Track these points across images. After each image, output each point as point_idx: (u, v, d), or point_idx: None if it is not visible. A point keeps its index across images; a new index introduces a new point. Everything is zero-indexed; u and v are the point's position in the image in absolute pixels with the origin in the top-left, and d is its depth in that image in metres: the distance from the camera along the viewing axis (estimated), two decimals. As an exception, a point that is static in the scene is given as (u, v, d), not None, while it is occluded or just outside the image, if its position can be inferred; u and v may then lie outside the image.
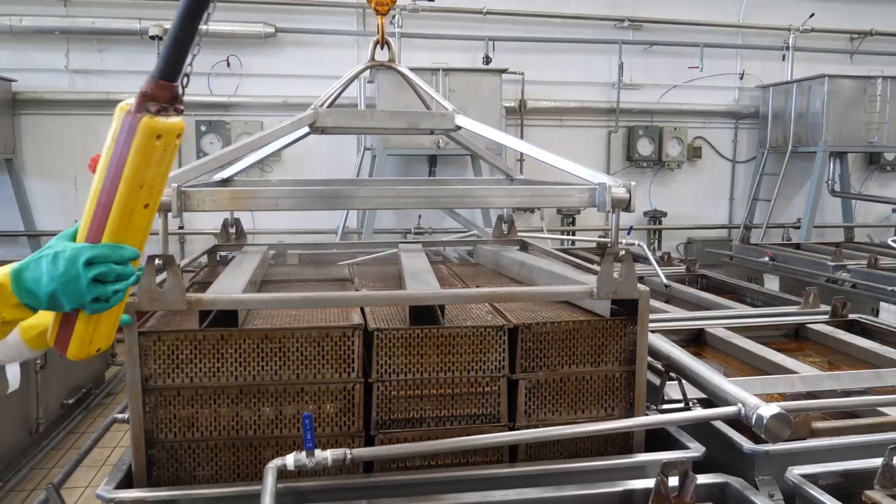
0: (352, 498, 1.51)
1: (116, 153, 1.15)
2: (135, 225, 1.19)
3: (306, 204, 1.80)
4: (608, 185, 1.78)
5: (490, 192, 1.93)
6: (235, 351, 1.67)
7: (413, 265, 2.33)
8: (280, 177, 7.85)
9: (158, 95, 1.14)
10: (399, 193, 1.90)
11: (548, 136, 8.38)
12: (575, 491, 1.54)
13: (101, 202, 1.17)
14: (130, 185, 1.15)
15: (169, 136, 1.15)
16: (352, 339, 1.69)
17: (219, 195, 1.75)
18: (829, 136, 7.61)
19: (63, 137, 7.48)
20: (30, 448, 4.46)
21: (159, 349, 1.64)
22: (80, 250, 1.15)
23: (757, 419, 1.54)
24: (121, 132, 1.15)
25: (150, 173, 1.16)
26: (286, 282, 2.42)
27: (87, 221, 1.19)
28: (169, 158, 1.18)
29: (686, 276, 4.47)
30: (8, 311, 1.18)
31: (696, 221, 8.79)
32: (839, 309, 3.21)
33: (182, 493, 1.58)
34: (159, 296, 1.57)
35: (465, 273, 2.61)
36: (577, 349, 1.80)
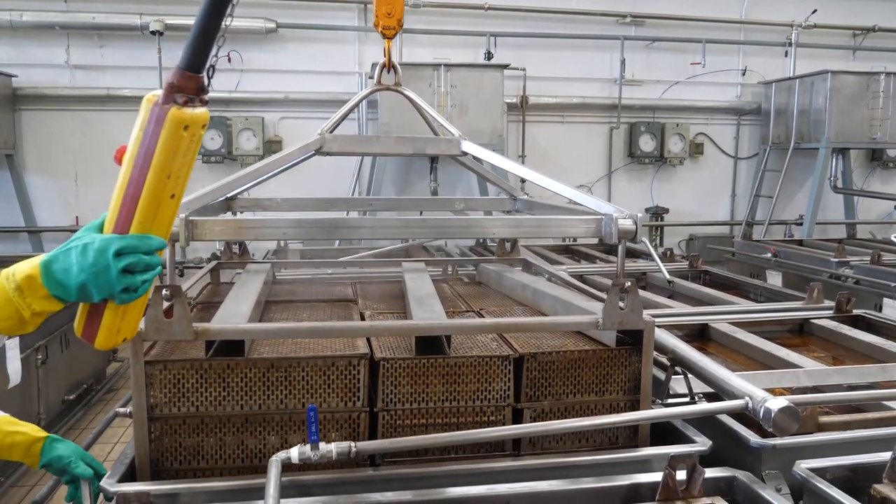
0: (356, 491, 1.50)
1: (144, 144, 1.16)
2: (162, 215, 1.21)
3: (313, 234, 1.81)
4: (614, 217, 1.78)
5: (495, 223, 1.95)
6: (241, 380, 1.68)
7: (417, 288, 2.33)
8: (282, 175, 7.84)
9: (185, 87, 1.14)
10: (405, 224, 1.93)
11: (549, 133, 8.37)
12: (581, 484, 1.53)
13: (128, 193, 1.18)
14: (158, 175, 1.16)
15: (195, 126, 1.17)
16: (357, 368, 1.70)
17: (227, 225, 1.78)
18: (832, 133, 7.59)
19: (63, 133, 7.47)
20: (31, 444, 4.45)
21: (165, 378, 1.65)
22: (109, 241, 1.17)
23: (765, 413, 1.52)
24: (148, 123, 1.15)
25: (178, 163, 1.18)
26: (290, 302, 2.43)
27: (115, 212, 1.20)
28: (194, 148, 1.20)
29: (689, 271, 4.46)
30: (38, 303, 1.19)
31: (698, 218, 8.77)
32: (843, 304, 3.19)
33: (185, 486, 1.57)
34: (166, 326, 1.59)
35: (469, 293, 2.62)
36: (581, 378, 1.82)
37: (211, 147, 7.39)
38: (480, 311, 2.29)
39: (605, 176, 8.58)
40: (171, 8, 7.16)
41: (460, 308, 2.36)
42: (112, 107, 7.38)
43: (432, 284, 2.39)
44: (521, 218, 2.08)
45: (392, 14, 2.67)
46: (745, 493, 1.53)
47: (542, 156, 8.32)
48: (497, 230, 1.98)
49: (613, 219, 1.77)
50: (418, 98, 2.84)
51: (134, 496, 1.33)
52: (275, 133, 7.80)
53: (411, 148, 2.94)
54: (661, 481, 1.48)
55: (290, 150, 2.42)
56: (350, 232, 2.06)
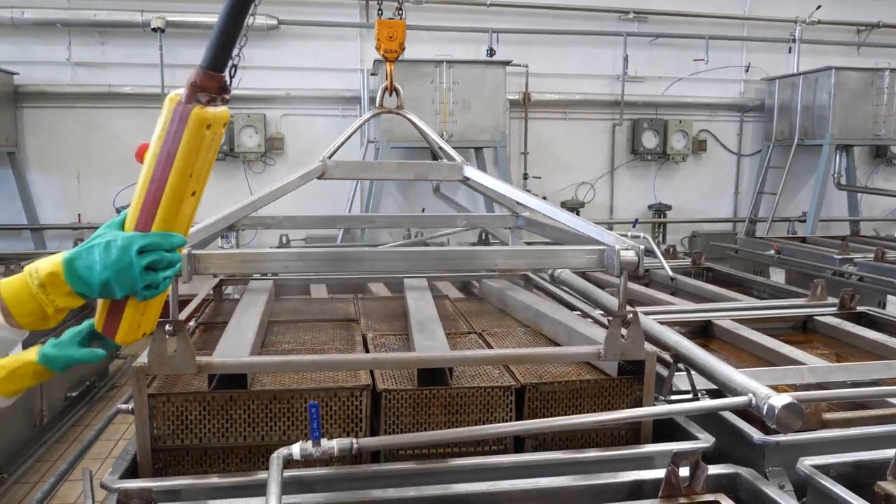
0: (358, 487, 1.49)
1: (167, 143, 1.17)
2: (183, 213, 1.22)
3: (315, 267, 1.83)
4: (616, 248, 1.78)
5: (498, 254, 1.97)
6: (244, 411, 1.70)
7: (419, 310, 2.35)
8: (283, 169, 7.84)
9: (207, 86, 1.15)
10: (407, 256, 1.97)
11: (552, 129, 8.36)
12: (584, 481, 1.52)
13: (150, 191, 1.19)
14: (181, 173, 1.18)
15: (217, 125, 1.18)
16: (360, 398, 1.71)
17: (230, 259, 1.79)
18: (836, 129, 7.56)
19: (65, 131, 7.47)
20: (34, 440, 4.46)
21: (168, 410, 1.67)
22: (132, 239, 1.18)
23: (768, 409, 1.52)
24: (171, 122, 1.16)
25: (200, 162, 1.19)
26: (293, 322, 2.45)
27: (137, 210, 1.21)
28: (216, 147, 1.21)
29: (692, 268, 4.45)
30: (61, 299, 1.21)
31: (700, 215, 8.76)
32: (847, 301, 3.18)
33: (187, 482, 1.57)
34: (169, 360, 1.60)
35: (470, 311, 2.63)
36: (583, 407, 1.83)
37: (213, 144, 7.37)
38: (482, 334, 2.30)
39: (608, 173, 8.56)
40: (173, 5, 7.15)
41: (462, 329, 2.37)
42: (114, 104, 7.37)
43: (434, 306, 2.41)
44: (522, 249, 2.11)
45: (394, 37, 2.68)
46: (749, 489, 1.52)
47: (544, 152, 8.31)
48: (499, 261, 1.99)
49: (616, 250, 1.77)
50: (420, 122, 2.85)
51: (136, 493, 1.32)
52: (276, 130, 7.79)
53: (413, 174, 2.96)
54: (664, 478, 1.47)
55: (291, 178, 2.44)
56: (352, 265, 2.09)
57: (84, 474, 1.72)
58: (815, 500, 1.55)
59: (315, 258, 1.83)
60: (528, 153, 8.22)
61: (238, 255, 1.80)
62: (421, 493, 1.47)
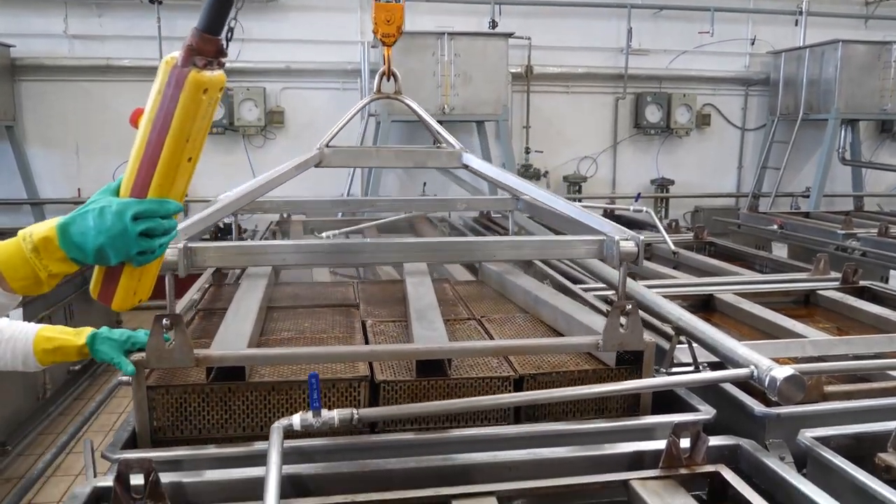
0: (358, 457, 1.49)
1: (163, 107, 1.15)
2: (179, 178, 1.21)
3: (313, 259, 1.83)
4: (616, 239, 1.77)
5: (498, 245, 1.95)
6: (243, 403, 1.70)
7: (418, 297, 2.34)
8: (284, 143, 7.79)
9: (204, 49, 1.12)
10: (405, 248, 1.94)
11: (554, 103, 8.29)
12: (584, 452, 1.52)
13: (146, 156, 1.18)
14: (177, 139, 1.16)
15: (214, 90, 1.16)
16: (358, 389, 1.71)
17: (226, 251, 1.77)
18: (841, 103, 7.49)
19: (64, 104, 7.42)
20: (37, 414, 4.48)
21: (167, 402, 1.68)
22: (127, 205, 1.17)
23: (770, 381, 1.51)
24: (167, 86, 1.14)
25: (196, 127, 1.17)
26: (292, 308, 2.45)
27: (132, 175, 1.20)
28: (212, 112, 1.19)
29: (694, 243, 4.43)
30: (55, 265, 1.20)
31: (703, 190, 8.71)
32: (850, 275, 3.17)
33: (188, 452, 1.57)
34: (167, 354, 1.60)
35: (470, 295, 2.63)
36: (581, 405, 1.82)
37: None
38: (481, 320, 2.29)
39: (611, 147, 8.50)
40: (171, -24, 7.06)
41: (461, 315, 2.37)
42: (112, 77, 7.31)
43: (433, 292, 2.40)
44: (521, 240, 2.10)
45: (392, 21, 2.65)
46: (749, 461, 1.52)
47: (546, 126, 8.24)
48: (498, 253, 1.98)
49: (615, 241, 1.77)
50: (419, 107, 2.82)
51: (136, 462, 1.32)
52: (276, 104, 7.73)
53: (412, 161, 2.93)
54: (664, 449, 1.47)
55: (287, 166, 2.40)
56: (351, 257, 2.08)
57: (85, 445, 1.72)
58: (815, 472, 1.55)
59: (313, 250, 1.82)
60: (530, 127, 8.16)
61: (234, 248, 1.79)
62: (421, 464, 1.47)
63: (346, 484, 1.41)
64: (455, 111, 6.97)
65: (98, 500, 1.36)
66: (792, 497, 1.37)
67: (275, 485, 1.18)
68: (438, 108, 6.87)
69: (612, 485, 1.46)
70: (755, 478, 1.48)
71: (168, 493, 1.33)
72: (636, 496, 1.41)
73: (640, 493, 1.39)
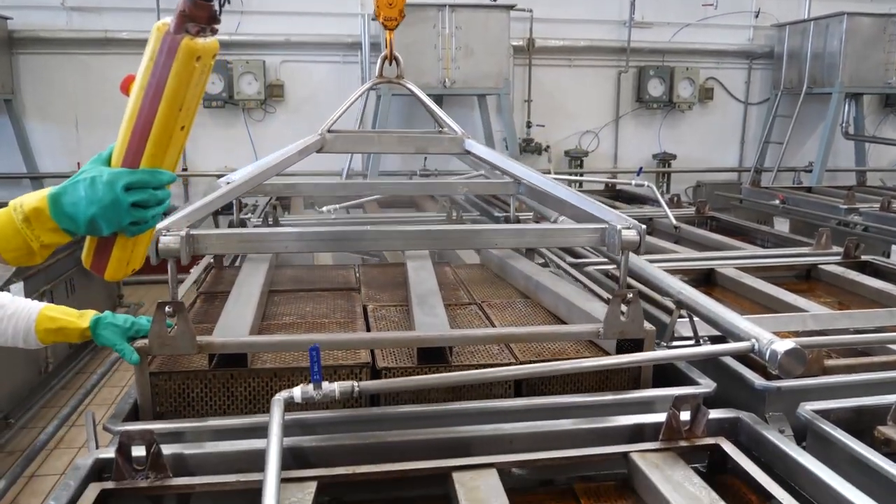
0: (359, 430, 1.50)
1: (155, 75, 1.13)
2: (172, 147, 1.19)
3: (314, 247, 1.82)
4: (618, 228, 1.75)
5: (499, 233, 1.94)
6: (245, 389, 1.70)
7: (419, 281, 2.34)
8: (284, 116, 7.74)
9: (197, 16, 1.10)
10: (406, 235, 1.92)
11: (556, 77, 8.22)
12: (585, 424, 1.52)
13: (138, 125, 1.17)
14: (170, 107, 1.14)
15: (207, 57, 1.14)
16: (359, 377, 1.71)
17: (228, 239, 1.75)
18: (846, 77, 7.42)
19: (62, 78, 7.36)
20: (39, 387, 4.51)
21: (170, 388, 1.68)
22: (117, 175, 1.16)
23: (771, 355, 1.51)
24: (159, 53, 1.12)
25: (189, 95, 1.16)
26: (293, 291, 2.45)
27: (124, 145, 1.18)
28: (205, 80, 1.18)
29: (696, 217, 4.42)
30: (46, 236, 1.19)
31: (705, 164, 8.67)
32: (852, 250, 3.16)
33: (190, 425, 1.57)
34: (170, 341, 1.60)
35: (472, 279, 2.63)
36: (581, 384, 1.82)
37: (212, 91, 7.27)
38: (482, 305, 2.30)
39: (613, 121, 8.45)
40: (168, -54, 6.97)
41: (462, 300, 2.38)
42: (110, 50, 7.24)
43: (434, 276, 2.40)
44: (523, 227, 2.08)
45: (394, 4, 2.60)
46: (749, 434, 1.52)
47: (548, 100, 8.18)
48: (500, 240, 1.97)
49: (617, 229, 1.75)
50: (420, 92, 2.79)
51: (138, 434, 1.33)
52: (276, 77, 7.67)
53: (413, 147, 2.91)
54: (664, 422, 1.47)
55: (290, 151, 2.37)
56: (352, 245, 2.07)
57: (87, 417, 1.73)
58: (814, 445, 1.56)
59: (314, 238, 1.82)
60: (531, 101, 8.10)
61: (236, 236, 1.78)
62: (421, 436, 1.47)
63: (347, 456, 1.41)
64: (456, 85, 6.91)
65: (100, 471, 1.37)
66: (791, 469, 1.38)
67: (276, 456, 1.18)
68: (439, 81, 6.82)
69: (612, 457, 1.46)
70: (755, 450, 1.49)
71: (170, 465, 1.34)
72: (636, 468, 1.41)
73: (639, 464, 1.40)
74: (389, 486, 1.39)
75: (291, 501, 1.26)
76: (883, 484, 1.34)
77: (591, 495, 1.43)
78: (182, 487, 1.33)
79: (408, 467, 1.37)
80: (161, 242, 1.57)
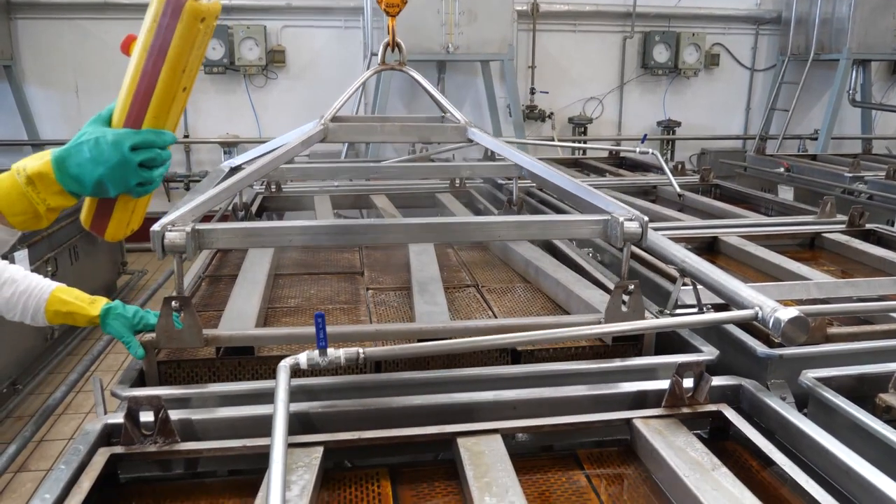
0: (364, 396, 1.51)
1: (159, 36, 1.13)
2: (175, 109, 1.20)
3: (319, 239, 1.86)
4: (621, 220, 1.75)
5: (501, 226, 1.93)
6: (252, 376, 1.73)
7: (421, 266, 2.37)
8: (285, 83, 7.67)
9: None
10: (409, 229, 1.93)
11: (561, 42, 8.12)
12: (587, 391, 1.54)
13: (141, 86, 1.17)
14: (174, 68, 1.15)
15: (210, 18, 1.15)
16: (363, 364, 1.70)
17: (234, 233, 1.75)
18: (854, 43, 7.32)
19: (62, 43, 7.28)
20: (45, 354, 4.55)
21: (179, 376, 1.71)
22: (123, 135, 1.16)
23: (775, 322, 1.51)
24: (163, 15, 1.12)
25: (192, 57, 1.16)
26: (298, 275, 2.48)
27: (126, 105, 1.18)
28: (207, 41, 1.18)
29: (700, 185, 4.40)
30: (52, 198, 1.19)
31: (710, 132, 8.60)
32: (856, 218, 3.15)
33: (196, 391, 1.59)
34: (177, 334, 1.62)
35: (473, 261, 2.66)
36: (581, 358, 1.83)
37: (213, 57, 7.19)
38: (482, 289, 2.34)
39: (617, 88, 8.37)
40: None
41: (463, 282, 2.42)
42: (110, 15, 7.15)
43: (436, 263, 2.42)
44: (526, 220, 2.09)
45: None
46: (751, 401, 1.53)
47: (552, 66, 8.09)
48: (503, 233, 1.97)
49: (619, 221, 1.75)
50: (424, 80, 2.78)
51: (145, 399, 1.34)
52: (277, 42, 7.58)
53: (417, 136, 2.90)
54: (667, 388, 1.48)
55: (294, 142, 2.35)
56: (355, 237, 2.08)
57: (94, 383, 1.75)
58: (816, 412, 1.57)
59: (318, 232, 1.83)
60: (535, 67, 8.01)
61: (241, 230, 1.78)
62: (425, 402, 1.48)
63: (353, 422, 1.43)
64: (459, 50, 6.83)
65: (109, 435, 1.39)
66: (793, 436, 1.39)
67: (283, 421, 1.19)
68: (442, 47, 6.74)
69: (614, 423, 1.47)
70: (756, 417, 1.50)
71: (177, 430, 1.35)
72: (638, 434, 1.42)
73: (642, 430, 1.41)
74: (395, 450, 1.41)
75: (298, 466, 1.28)
76: (883, 451, 1.36)
77: (593, 461, 1.45)
78: (190, 452, 1.35)
79: (413, 433, 1.39)
80: (167, 238, 1.58)
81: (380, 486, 1.34)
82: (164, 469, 1.39)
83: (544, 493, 1.34)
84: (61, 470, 1.24)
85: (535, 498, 1.31)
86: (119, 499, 1.32)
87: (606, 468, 1.43)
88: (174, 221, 1.64)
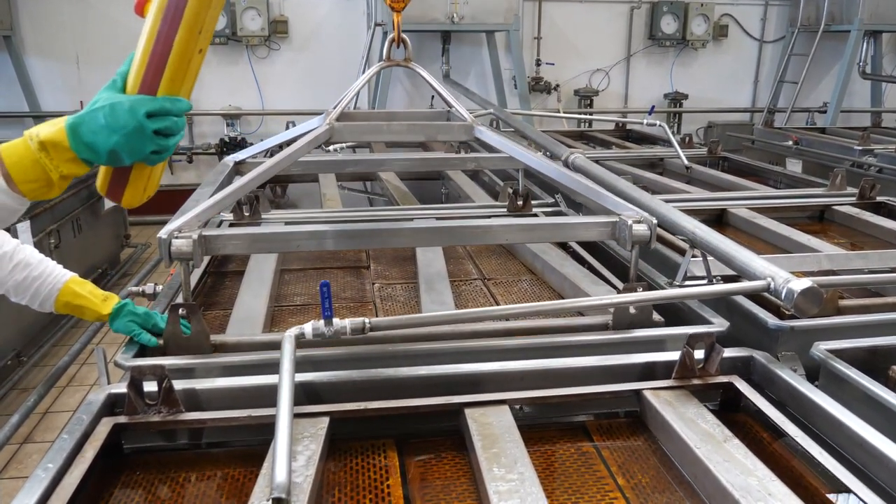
0: (370, 367, 1.49)
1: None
2: (191, 72, 1.18)
3: (328, 245, 1.88)
4: (629, 222, 1.73)
5: (509, 228, 1.92)
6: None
7: (427, 262, 2.35)
8: (288, 54, 7.58)
9: None
10: (417, 234, 1.97)
11: (567, 13, 8.00)
12: (596, 362, 1.52)
13: (156, 49, 1.14)
14: (190, 30, 1.12)
15: None
16: None
17: (240, 239, 1.73)
18: (865, 14, 7.20)
19: (62, 13, 7.19)
20: (49, 326, 4.55)
21: None
22: (139, 102, 1.13)
23: (787, 293, 1.48)
24: None
25: (209, 17, 1.13)
26: (303, 270, 2.48)
27: (142, 69, 1.15)
28: (223, 1, 1.15)
29: (707, 157, 4.35)
30: (65, 166, 1.16)
31: (718, 104, 8.51)
32: (867, 191, 3.11)
33: (201, 360, 1.57)
34: (185, 342, 1.61)
35: (479, 251, 2.66)
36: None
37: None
38: (488, 282, 2.33)
39: (624, 59, 8.26)
40: None
41: (470, 274, 2.41)
42: (110, -16, 7.07)
43: (443, 258, 2.41)
44: (534, 222, 2.07)
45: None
46: (762, 372, 1.51)
47: (558, 37, 7.98)
48: (510, 236, 1.96)
49: (628, 224, 1.74)
50: (429, 76, 2.74)
51: (149, 369, 1.32)
52: (280, 13, 7.48)
53: (423, 135, 2.85)
54: (678, 360, 1.46)
55: (300, 143, 2.31)
56: (365, 241, 2.09)
57: (98, 353, 1.74)
58: (827, 384, 1.55)
59: (327, 236, 1.82)
60: (541, 38, 7.90)
61: (249, 236, 1.76)
62: (431, 372, 1.47)
63: (359, 392, 1.41)
64: (464, 20, 6.73)
65: (112, 406, 1.38)
66: (804, 407, 1.37)
67: (288, 391, 1.17)
68: (447, 16, 6.64)
69: (624, 394, 1.46)
70: (767, 389, 1.48)
71: (182, 400, 1.34)
72: (648, 405, 1.41)
73: (652, 402, 1.40)
74: (401, 421, 1.39)
75: (304, 436, 1.26)
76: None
77: (602, 432, 1.43)
78: (194, 422, 1.34)
79: (419, 403, 1.37)
80: (174, 246, 1.56)
81: (386, 457, 1.33)
82: (169, 439, 1.38)
83: (553, 464, 1.32)
84: (64, 439, 1.22)
85: (544, 469, 1.30)
86: (123, 469, 1.31)
87: (616, 440, 1.41)
88: (180, 228, 1.62)
